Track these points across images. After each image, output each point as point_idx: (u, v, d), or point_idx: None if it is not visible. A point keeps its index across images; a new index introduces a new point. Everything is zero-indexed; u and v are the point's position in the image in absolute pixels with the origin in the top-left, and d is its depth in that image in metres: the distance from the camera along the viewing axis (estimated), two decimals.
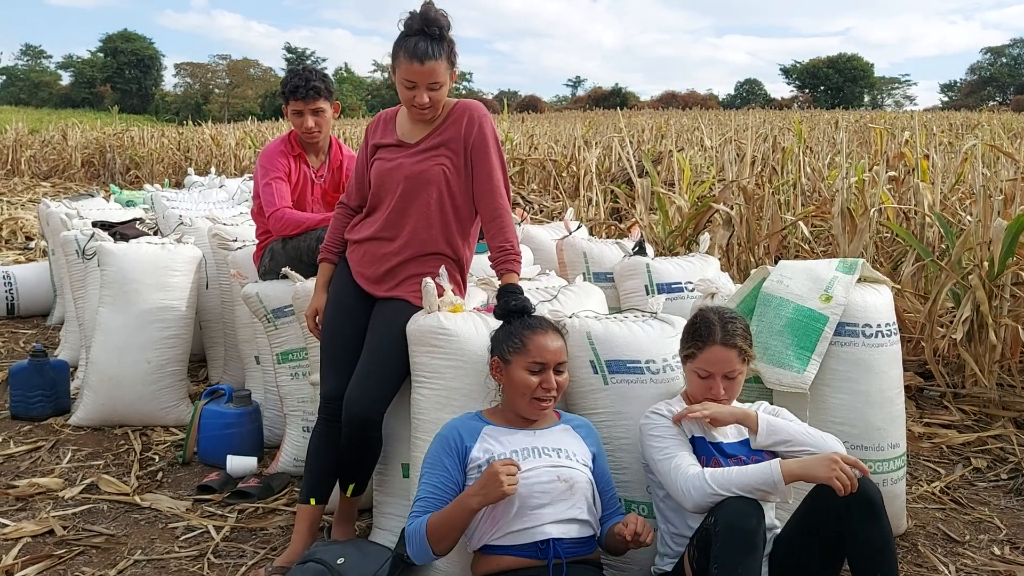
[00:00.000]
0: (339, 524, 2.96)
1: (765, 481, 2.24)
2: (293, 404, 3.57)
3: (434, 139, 2.85)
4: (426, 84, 2.71)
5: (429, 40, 2.68)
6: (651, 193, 6.56)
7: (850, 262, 3.07)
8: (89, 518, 3.21)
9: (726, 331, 2.47)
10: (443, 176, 2.82)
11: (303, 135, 3.71)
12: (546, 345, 2.43)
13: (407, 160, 2.84)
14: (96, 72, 78.15)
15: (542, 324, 2.50)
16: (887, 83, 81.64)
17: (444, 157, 2.83)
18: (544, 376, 2.41)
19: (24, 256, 8.69)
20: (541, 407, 2.43)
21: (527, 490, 2.29)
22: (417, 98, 2.73)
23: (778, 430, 2.43)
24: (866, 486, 2.24)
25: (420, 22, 2.68)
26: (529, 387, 2.41)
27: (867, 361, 2.92)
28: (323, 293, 2.99)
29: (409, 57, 2.68)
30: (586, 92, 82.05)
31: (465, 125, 2.83)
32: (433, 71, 2.69)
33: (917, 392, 4.56)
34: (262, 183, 3.65)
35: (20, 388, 4.23)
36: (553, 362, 2.43)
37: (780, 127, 16.47)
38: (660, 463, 2.41)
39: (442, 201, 2.84)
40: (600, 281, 4.05)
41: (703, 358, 2.48)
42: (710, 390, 2.47)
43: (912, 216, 5.45)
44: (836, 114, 29.11)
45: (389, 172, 2.85)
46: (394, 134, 2.90)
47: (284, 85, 3.70)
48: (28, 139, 22.65)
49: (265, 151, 3.75)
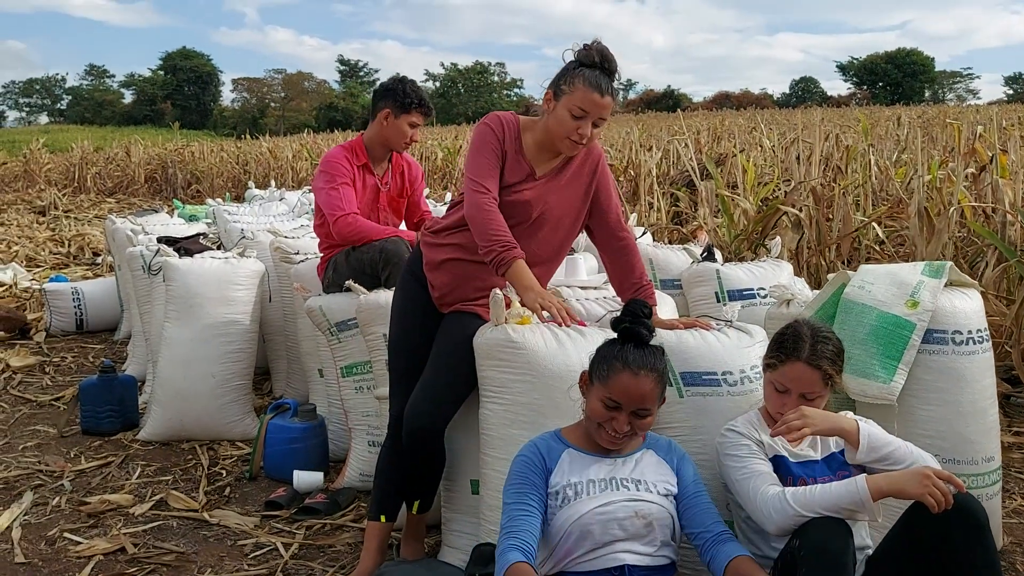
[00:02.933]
0: (408, 542, 2.90)
1: (852, 500, 2.11)
2: (358, 418, 3.54)
3: (560, 171, 2.79)
4: (595, 117, 2.65)
5: (608, 76, 2.65)
6: (715, 196, 6.42)
7: (936, 265, 2.92)
8: (159, 535, 3.21)
9: (815, 351, 2.33)
10: (562, 209, 2.78)
11: (402, 145, 3.71)
12: (630, 387, 2.23)
13: (534, 195, 2.74)
14: (157, 89, 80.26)
15: (639, 363, 2.26)
16: (948, 77, 79.56)
17: (568, 190, 2.79)
18: (616, 415, 2.24)
19: (92, 272, 8.89)
20: (609, 442, 2.28)
21: (603, 526, 2.19)
22: (581, 128, 2.64)
23: (879, 445, 2.26)
24: (968, 502, 2.10)
25: (599, 56, 2.64)
26: (597, 417, 2.28)
27: (958, 370, 2.76)
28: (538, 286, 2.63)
29: (590, 87, 2.60)
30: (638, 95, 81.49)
31: (592, 158, 2.82)
32: (607, 107, 2.64)
33: (1004, 399, 4.35)
34: (326, 188, 3.62)
35: (90, 404, 4.28)
36: (632, 406, 2.25)
37: (840, 125, 16.12)
38: (739, 483, 2.30)
39: (553, 235, 2.80)
40: (667, 288, 3.94)
41: (783, 371, 2.36)
42: (783, 406, 2.34)
43: (991, 214, 5.22)
44: (897, 110, 28.43)
45: (517, 205, 2.73)
46: (525, 159, 2.77)
47: (405, 93, 3.65)
48: (93, 157, 23.33)
49: (328, 158, 3.71)
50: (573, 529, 2.20)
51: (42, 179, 21.58)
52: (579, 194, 2.81)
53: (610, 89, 2.64)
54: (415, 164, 4.00)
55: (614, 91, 2.67)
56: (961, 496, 2.11)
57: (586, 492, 2.23)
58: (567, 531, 2.20)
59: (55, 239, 11.31)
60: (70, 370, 5.53)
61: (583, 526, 2.19)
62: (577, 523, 2.19)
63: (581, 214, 2.85)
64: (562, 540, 2.21)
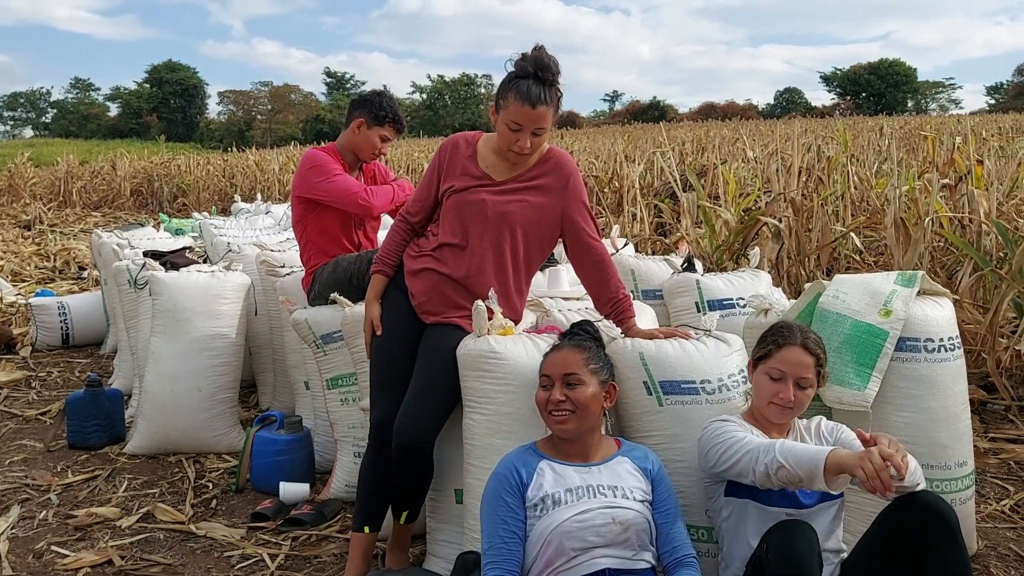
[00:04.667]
0: (393, 552, 2.94)
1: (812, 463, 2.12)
2: (344, 430, 3.57)
3: (524, 182, 2.84)
4: (532, 128, 2.70)
5: (542, 85, 2.68)
6: (697, 207, 6.49)
7: (908, 274, 2.98)
8: (146, 547, 3.23)
9: (807, 337, 2.44)
10: (525, 217, 2.82)
11: (370, 155, 3.76)
12: (550, 359, 2.43)
13: (491, 197, 2.80)
14: (142, 103, 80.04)
15: (561, 342, 2.49)
16: (931, 87, 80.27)
17: (531, 198, 2.83)
18: (551, 392, 2.37)
19: (78, 286, 8.87)
20: (556, 422, 2.37)
21: (581, 533, 2.24)
22: (520, 142, 2.71)
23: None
24: (939, 505, 2.16)
25: (534, 66, 2.68)
26: (540, 404, 2.40)
27: (930, 377, 2.82)
28: (377, 304, 2.91)
29: (521, 100, 2.66)
30: (624, 106, 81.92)
31: (563, 174, 2.86)
32: (542, 117, 2.69)
33: (980, 406, 4.42)
34: (326, 179, 3.61)
35: (77, 418, 4.29)
36: (559, 374, 2.38)
37: (823, 136, 16.26)
38: (732, 446, 2.31)
39: (515, 244, 2.83)
40: (649, 299, 3.99)
41: (780, 357, 2.41)
42: (778, 394, 2.39)
43: (967, 224, 5.31)
44: (880, 120, 28.68)
45: (471, 205, 2.80)
46: (478, 166, 2.85)
47: (381, 106, 3.69)
48: (79, 170, 23.25)
49: (311, 155, 3.71)
50: (552, 538, 2.24)
51: (27, 193, 21.47)
52: (549, 207, 2.85)
53: (544, 98, 2.67)
54: (383, 168, 4.04)
55: (550, 98, 2.69)
56: (932, 498, 2.17)
57: (563, 501, 2.28)
58: (547, 540, 2.25)
59: (40, 253, 11.28)
60: (56, 384, 5.54)
61: (561, 535, 2.24)
62: (555, 532, 2.24)
63: (554, 228, 2.89)
64: (542, 550, 2.25)
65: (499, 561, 2.25)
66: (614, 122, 60.25)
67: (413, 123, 72.74)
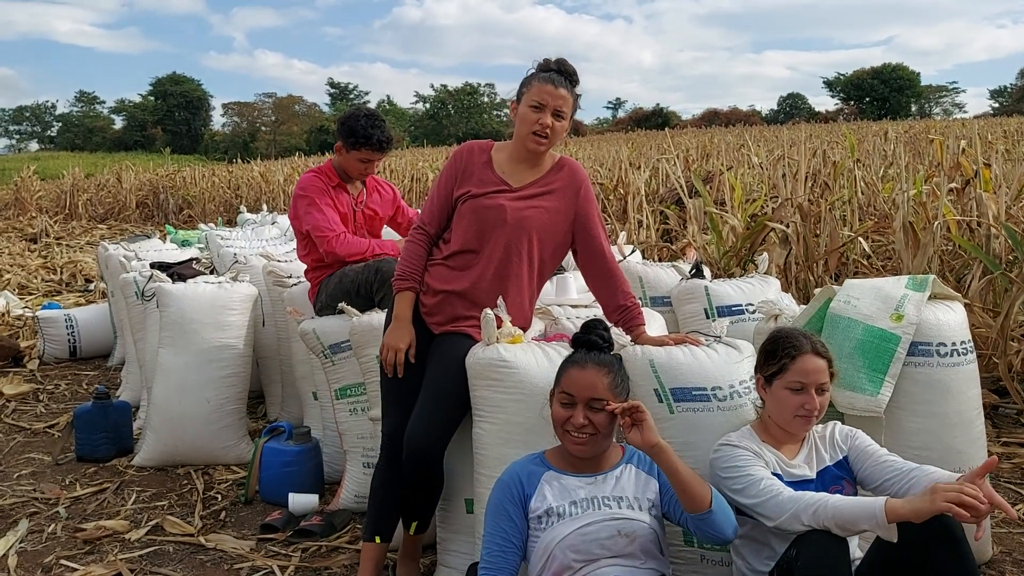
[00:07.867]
0: (404, 562, 2.92)
1: (870, 522, 2.07)
2: (352, 440, 3.55)
3: (540, 187, 2.85)
4: (553, 108, 2.76)
5: (564, 76, 2.80)
6: (703, 213, 6.47)
7: (920, 279, 2.96)
8: (156, 560, 3.21)
9: (814, 342, 2.42)
10: (541, 224, 2.83)
11: (358, 175, 3.80)
12: (576, 378, 2.32)
13: (510, 203, 2.80)
14: (147, 115, 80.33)
15: (586, 358, 2.37)
16: (934, 91, 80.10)
17: (546, 204, 2.84)
18: (571, 412, 2.29)
19: (84, 298, 8.88)
20: (574, 443, 2.30)
21: (586, 546, 2.21)
22: (542, 120, 2.75)
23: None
24: (944, 517, 2.12)
25: (556, 64, 2.82)
26: (558, 420, 2.33)
27: (943, 381, 2.80)
28: (410, 327, 2.82)
29: (543, 81, 2.77)
30: (627, 113, 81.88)
31: (575, 181, 2.89)
32: (564, 98, 2.77)
33: (992, 410, 4.39)
34: (309, 212, 3.69)
35: (85, 431, 4.28)
36: (584, 397, 2.29)
37: (828, 140, 16.26)
38: (746, 489, 2.28)
39: (531, 249, 2.83)
40: (657, 306, 3.97)
41: (796, 369, 2.38)
42: (803, 405, 2.36)
43: (976, 228, 5.29)
44: (884, 125, 28.65)
45: (490, 210, 2.80)
46: (494, 172, 2.87)
47: (354, 131, 3.69)
48: (84, 183, 23.34)
49: (301, 184, 3.80)
50: (556, 552, 2.22)
51: (33, 206, 21.55)
52: (562, 213, 2.86)
53: (565, 84, 2.78)
54: (386, 185, 4.09)
55: (570, 88, 2.80)
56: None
57: (568, 514, 2.26)
58: (551, 554, 2.23)
59: (47, 266, 11.31)
60: (64, 397, 5.53)
61: (566, 548, 2.22)
62: (560, 545, 2.22)
63: (566, 234, 2.89)
64: (547, 563, 2.23)
65: (494, 570, 2.24)
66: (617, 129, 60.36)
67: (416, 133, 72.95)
